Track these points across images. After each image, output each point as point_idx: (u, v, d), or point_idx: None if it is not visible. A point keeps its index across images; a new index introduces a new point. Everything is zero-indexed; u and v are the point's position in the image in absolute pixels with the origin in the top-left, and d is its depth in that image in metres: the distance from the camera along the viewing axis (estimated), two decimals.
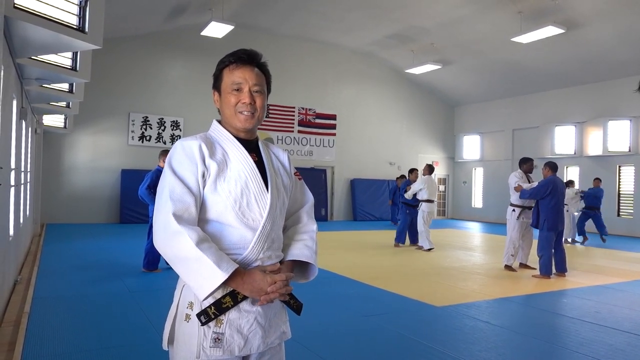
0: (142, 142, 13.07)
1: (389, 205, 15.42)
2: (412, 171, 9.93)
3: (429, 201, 9.18)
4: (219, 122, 1.56)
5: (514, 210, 7.16)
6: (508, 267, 7.09)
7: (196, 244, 1.29)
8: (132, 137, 12.97)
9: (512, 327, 4.33)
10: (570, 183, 11.20)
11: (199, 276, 1.30)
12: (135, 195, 12.14)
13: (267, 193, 1.46)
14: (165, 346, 1.46)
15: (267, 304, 1.41)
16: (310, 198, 1.70)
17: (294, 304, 1.53)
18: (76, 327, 3.97)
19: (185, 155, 1.41)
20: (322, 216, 15.35)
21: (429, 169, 9.45)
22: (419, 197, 9.30)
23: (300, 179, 1.69)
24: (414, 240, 9.63)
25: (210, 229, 1.41)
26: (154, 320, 4.13)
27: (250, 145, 1.52)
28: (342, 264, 7.31)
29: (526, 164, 7.32)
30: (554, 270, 6.73)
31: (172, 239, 1.32)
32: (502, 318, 4.62)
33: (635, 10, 10.15)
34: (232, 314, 1.39)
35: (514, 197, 7.18)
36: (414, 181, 9.60)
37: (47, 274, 5.91)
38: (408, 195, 9.42)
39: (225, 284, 1.32)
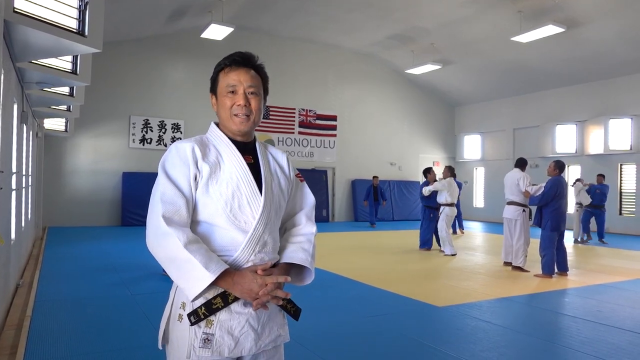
0: (143, 144, 13.09)
1: (364, 205, 15.21)
2: (429, 170, 9.41)
3: (451, 205, 8.81)
4: (217, 124, 1.56)
5: (524, 210, 7.11)
6: (518, 268, 7.01)
7: (184, 245, 1.31)
8: (133, 140, 12.98)
9: (513, 326, 4.32)
10: (578, 181, 11.16)
11: (188, 277, 1.31)
12: (137, 198, 12.36)
13: (260, 195, 1.45)
14: (160, 345, 1.48)
15: (259, 309, 1.39)
16: (311, 200, 1.66)
17: (291, 309, 1.51)
18: (78, 330, 3.98)
19: (178, 157, 1.42)
20: (323, 217, 15.35)
21: (450, 170, 9.06)
22: (440, 200, 8.87)
23: (302, 180, 1.67)
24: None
25: (201, 231, 1.42)
26: (156, 323, 4.11)
27: (247, 148, 1.52)
28: (343, 265, 7.30)
29: (525, 165, 7.36)
30: (555, 270, 6.72)
31: (162, 240, 1.34)
32: (504, 318, 4.62)
33: (636, 8, 10.14)
34: (222, 315, 1.39)
35: (520, 197, 7.11)
36: (431, 180, 9.26)
37: (49, 278, 5.92)
38: (425, 191, 8.97)
39: (215, 284, 1.33)
